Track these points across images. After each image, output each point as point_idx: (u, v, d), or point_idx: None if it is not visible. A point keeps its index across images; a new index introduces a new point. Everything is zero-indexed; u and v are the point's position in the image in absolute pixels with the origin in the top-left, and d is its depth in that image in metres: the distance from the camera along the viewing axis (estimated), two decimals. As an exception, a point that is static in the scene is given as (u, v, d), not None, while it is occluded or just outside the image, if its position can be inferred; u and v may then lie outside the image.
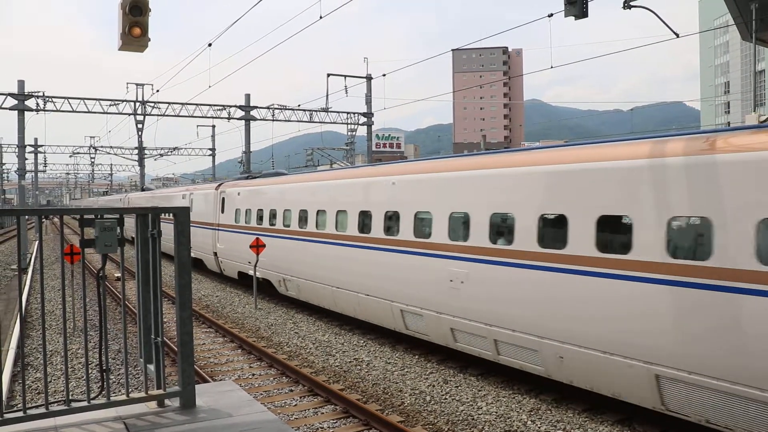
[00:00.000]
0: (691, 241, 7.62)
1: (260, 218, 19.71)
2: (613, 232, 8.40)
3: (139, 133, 48.42)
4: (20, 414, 4.08)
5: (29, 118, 33.98)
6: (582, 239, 8.64)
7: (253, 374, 11.90)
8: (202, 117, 39.19)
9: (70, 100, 34.80)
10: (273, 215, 18.77)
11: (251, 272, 19.44)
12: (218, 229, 23.44)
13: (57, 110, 34.50)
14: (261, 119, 39.90)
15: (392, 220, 13.00)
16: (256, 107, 39.82)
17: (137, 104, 38.18)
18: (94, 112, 35.88)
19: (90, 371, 4.50)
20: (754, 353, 6.70)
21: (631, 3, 9.55)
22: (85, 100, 35.34)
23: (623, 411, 9.15)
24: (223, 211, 23.14)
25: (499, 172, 10.32)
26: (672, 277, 7.42)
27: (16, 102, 32.78)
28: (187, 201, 28.14)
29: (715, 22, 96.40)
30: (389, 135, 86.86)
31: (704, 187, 7.28)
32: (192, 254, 21.80)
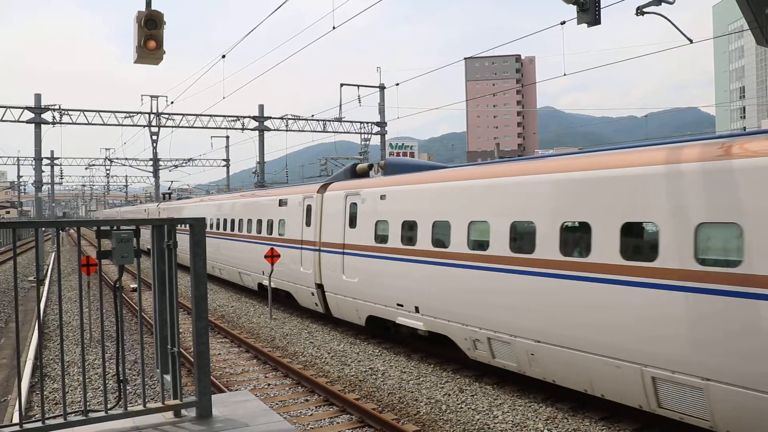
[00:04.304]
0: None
1: (440, 239, 11.96)
2: None
3: (154, 144, 48.82)
4: (39, 424, 4.11)
5: (46, 131, 34.42)
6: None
7: (269, 384, 11.90)
8: (216, 128, 39.49)
9: (85, 112, 35.18)
10: (482, 234, 10.91)
11: (410, 323, 12.76)
12: (344, 253, 15.18)
13: (73, 123, 34.90)
14: (275, 129, 40.11)
15: None
16: (269, 117, 40.04)
17: (152, 116, 38.55)
18: (110, 125, 36.28)
19: (107, 382, 4.53)
20: None
21: (644, 9, 9.51)
22: (101, 113, 35.73)
23: (640, 420, 9.07)
24: (353, 225, 14.93)
25: None
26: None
27: (33, 115, 33.19)
28: (276, 211, 19.88)
29: (730, 27, 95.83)
30: (403, 144, 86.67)
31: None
32: (272, 283, 19.08)
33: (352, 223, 15.01)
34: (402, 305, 12.99)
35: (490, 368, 11.62)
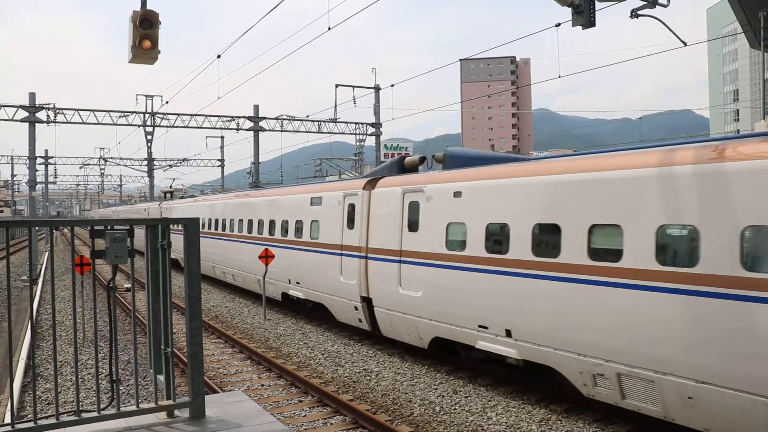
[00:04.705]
0: None
1: (545, 246, 9.67)
2: None
3: (149, 144, 48.75)
4: (31, 425, 4.10)
5: (40, 130, 34.32)
6: None
7: (263, 385, 11.89)
8: (211, 128, 39.48)
9: (80, 111, 35.09)
10: (610, 240, 8.81)
11: (496, 349, 10.44)
12: (401, 261, 12.86)
13: (67, 122, 34.81)
14: (270, 130, 40.10)
15: None
16: (264, 118, 40.03)
17: (147, 116, 38.47)
18: (104, 124, 36.21)
19: (100, 382, 4.53)
20: None
21: (639, 12, 9.55)
22: (95, 112, 35.65)
23: (634, 422, 9.08)
24: (414, 227, 12.59)
25: None
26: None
27: (27, 114, 33.09)
28: (307, 211, 17.19)
29: (724, 30, 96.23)
30: (398, 145, 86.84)
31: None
32: (297, 292, 17.21)
33: (413, 225, 12.61)
34: (486, 327, 10.52)
35: (484, 369, 11.63)
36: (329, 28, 18.68)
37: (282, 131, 40.10)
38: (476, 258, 10.75)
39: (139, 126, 39.38)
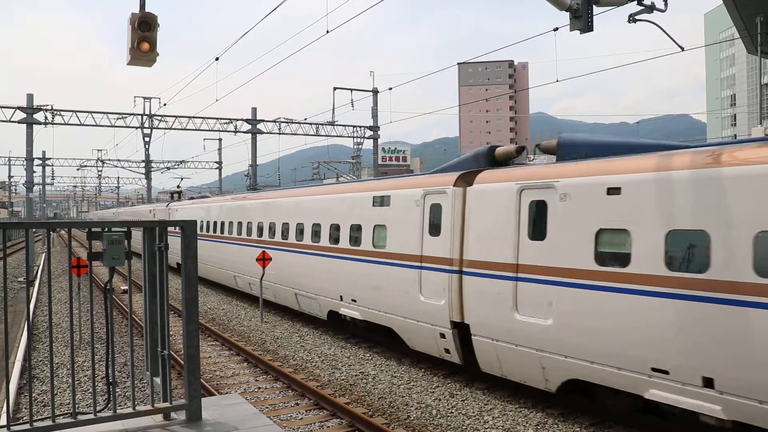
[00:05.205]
0: None
1: None
2: None
3: (146, 146, 48.72)
4: (27, 426, 4.10)
5: (37, 132, 34.34)
6: None
7: (259, 387, 11.87)
8: (209, 130, 39.49)
9: (78, 113, 35.08)
10: None
11: (685, 403, 7.69)
12: (517, 278, 10.03)
13: (65, 123, 34.81)
14: (267, 132, 40.14)
15: None
16: (262, 120, 40.10)
17: (144, 117, 38.49)
18: (102, 126, 36.26)
19: (96, 384, 4.53)
20: None
21: (636, 17, 9.57)
22: (93, 114, 35.65)
23: (631, 426, 9.09)
24: (538, 235, 9.79)
25: None
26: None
27: (24, 115, 33.08)
28: (369, 213, 14.21)
29: (721, 35, 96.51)
30: (395, 148, 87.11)
31: None
32: (351, 311, 14.34)
33: (537, 231, 9.81)
34: (665, 372, 7.82)
35: (480, 373, 11.63)
36: (327, 31, 18.71)
37: (280, 134, 40.18)
38: (652, 278, 8.05)
39: (136, 128, 39.40)
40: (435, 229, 11.98)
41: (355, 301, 14.41)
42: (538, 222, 9.83)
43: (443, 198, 11.82)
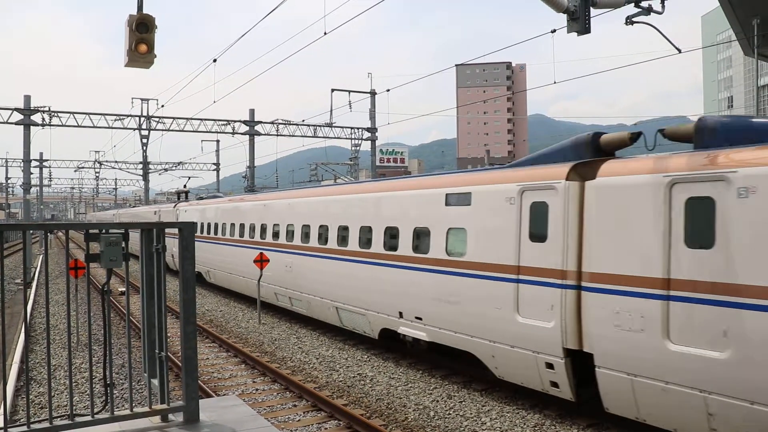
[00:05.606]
0: None
1: None
2: None
3: (144, 147, 48.66)
4: (24, 428, 4.09)
5: (35, 133, 34.31)
6: None
7: (257, 389, 11.87)
8: (207, 132, 39.44)
9: (75, 115, 35.06)
10: None
11: None
12: (669, 297, 7.80)
13: (62, 125, 34.76)
14: (265, 134, 40.13)
15: None
16: (260, 122, 40.08)
17: (142, 119, 38.46)
18: (99, 127, 36.20)
19: (94, 386, 4.53)
20: None
21: (633, 19, 9.59)
22: (91, 115, 35.61)
23: (627, 427, 9.10)
24: (694, 241, 7.63)
25: None
26: None
27: (22, 117, 33.03)
28: (440, 213, 11.86)
29: (718, 37, 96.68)
30: (393, 150, 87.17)
31: None
32: (416, 331, 12.11)
33: (699, 237, 7.55)
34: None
35: (478, 375, 11.63)
36: (325, 33, 18.72)
37: (278, 135, 40.17)
38: None
39: (134, 129, 39.34)
40: (538, 233, 9.69)
41: (420, 319, 12.17)
42: (698, 226, 7.63)
43: (551, 195, 9.52)
